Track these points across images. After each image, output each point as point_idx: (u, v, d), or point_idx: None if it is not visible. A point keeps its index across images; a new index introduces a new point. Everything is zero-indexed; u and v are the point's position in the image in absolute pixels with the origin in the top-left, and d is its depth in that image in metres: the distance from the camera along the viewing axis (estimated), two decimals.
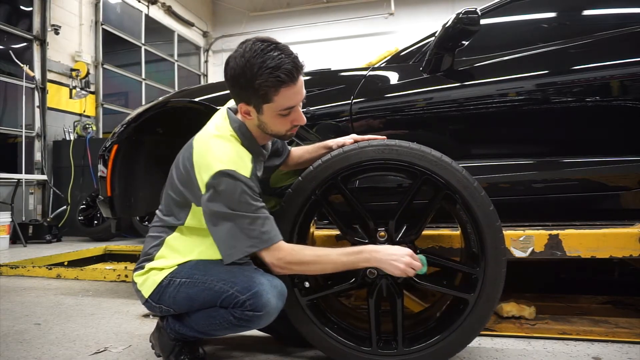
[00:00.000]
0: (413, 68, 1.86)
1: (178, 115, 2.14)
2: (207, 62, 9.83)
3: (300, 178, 1.38)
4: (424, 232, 1.46)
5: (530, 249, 1.52)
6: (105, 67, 6.88)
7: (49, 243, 4.98)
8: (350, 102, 1.84)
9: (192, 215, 1.30)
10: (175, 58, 8.95)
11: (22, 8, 5.92)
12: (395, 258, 1.21)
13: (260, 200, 1.23)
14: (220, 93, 1.97)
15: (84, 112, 6.37)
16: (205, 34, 9.69)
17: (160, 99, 2.13)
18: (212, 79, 9.66)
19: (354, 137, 1.44)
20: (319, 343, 1.38)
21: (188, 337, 1.35)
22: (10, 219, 4.60)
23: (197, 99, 1.96)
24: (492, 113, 1.73)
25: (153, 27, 8.18)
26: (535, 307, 1.87)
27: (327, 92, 1.91)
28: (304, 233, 1.48)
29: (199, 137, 1.30)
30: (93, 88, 6.55)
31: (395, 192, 1.74)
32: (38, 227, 5.09)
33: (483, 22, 1.65)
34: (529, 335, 1.66)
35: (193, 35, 9.37)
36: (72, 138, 5.93)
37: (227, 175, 1.18)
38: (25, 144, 5.64)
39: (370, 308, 1.36)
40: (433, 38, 1.78)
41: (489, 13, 1.87)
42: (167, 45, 8.79)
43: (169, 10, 8.48)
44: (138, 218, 4.70)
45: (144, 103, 2.92)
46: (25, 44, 5.82)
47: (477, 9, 1.60)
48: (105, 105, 6.88)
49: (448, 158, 1.31)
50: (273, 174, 1.62)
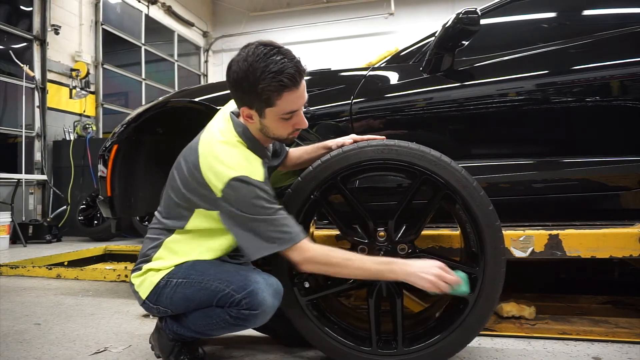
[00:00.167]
0: (413, 68, 1.86)
1: (178, 115, 2.14)
2: (207, 62, 9.83)
3: (300, 178, 1.38)
4: (424, 232, 1.46)
5: (530, 249, 1.52)
6: (105, 67, 6.88)
7: (49, 243, 4.98)
8: (350, 102, 1.84)
9: (194, 220, 1.29)
10: (175, 58, 8.95)
11: (22, 8, 5.93)
12: (424, 270, 1.19)
13: (277, 202, 1.23)
14: (220, 93, 1.97)
15: (84, 112, 6.37)
16: (205, 34, 9.69)
17: (160, 99, 2.13)
18: (212, 79, 9.66)
19: (354, 137, 1.44)
20: (319, 343, 1.38)
21: (186, 337, 1.35)
22: (10, 219, 4.60)
23: (197, 99, 1.96)
24: (492, 113, 1.73)
25: (153, 27, 8.18)
26: (535, 307, 1.87)
27: (327, 92, 1.91)
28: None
29: (204, 142, 1.27)
30: (93, 88, 6.55)
31: (395, 192, 1.74)
32: (38, 227, 5.09)
33: (483, 22, 1.65)
34: (529, 335, 1.66)
35: (193, 35, 9.38)
36: (72, 138, 5.94)
37: (241, 182, 1.18)
38: (25, 144, 5.64)
39: (370, 308, 1.36)
40: (433, 38, 1.78)
41: (489, 13, 1.87)
42: (167, 45, 8.79)
43: (169, 10, 8.48)
44: (138, 218, 4.70)
45: (144, 103, 2.92)
46: (25, 44, 5.82)
47: (477, 9, 1.60)
48: (105, 105, 6.88)
49: (447, 158, 1.31)
50: (272, 175, 1.62)
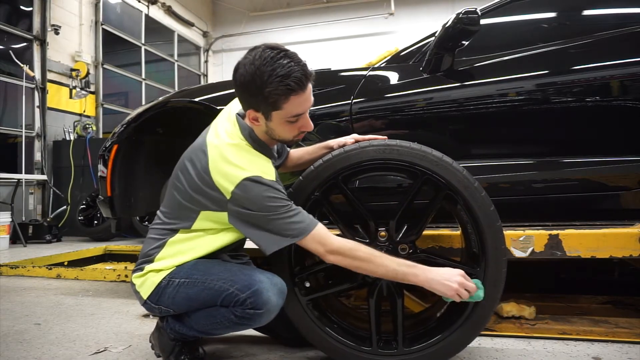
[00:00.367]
0: (413, 68, 1.86)
1: (178, 115, 2.14)
2: (207, 62, 9.83)
3: (301, 177, 1.38)
4: (424, 232, 1.46)
5: (530, 249, 1.52)
6: (105, 67, 6.88)
7: (49, 243, 4.98)
8: (350, 102, 1.84)
9: (200, 220, 1.29)
10: (175, 58, 8.95)
11: (22, 8, 5.92)
12: (447, 278, 1.20)
13: (289, 199, 1.24)
14: (220, 93, 1.97)
15: (84, 112, 6.37)
16: (205, 34, 9.69)
17: (160, 99, 2.13)
18: (212, 79, 9.66)
19: (355, 136, 1.44)
20: (319, 343, 1.38)
21: (188, 336, 1.35)
22: (10, 219, 4.60)
23: (197, 99, 1.96)
24: (492, 113, 1.73)
25: (153, 27, 8.18)
26: (535, 307, 1.87)
27: (327, 92, 1.91)
28: None
29: (213, 144, 1.26)
30: (93, 88, 6.55)
31: (395, 192, 1.74)
32: (38, 227, 5.09)
33: (483, 22, 1.65)
34: (529, 335, 1.66)
35: (193, 35, 9.38)
36: (72, 138, 5.93)
37: (253, 182, 1.18)
38: (25, 144, 5.64)
39: (371, 308, 1.36)
40: (433, 38, 1.78)
41: (489, 13, 1.87)
42: (167, 45, 8.79)
43: (169, 10, 8.48)
44: (138, 218, 4.70)
45: (144, 103, 2.92)
46: (25, 44, 5.82)
47: (477, 9, 1.60)
48: (105, 105, 6.88)
49: (449, 158, 1.31)
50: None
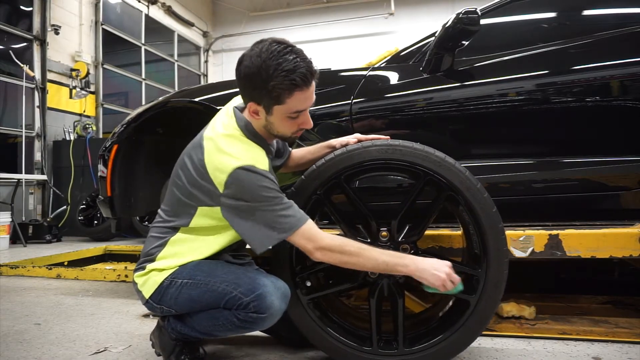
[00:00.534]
0: (413, 68, 1.86)
1: (178, 115, 2.14)
2: (207, 62, 9.83)
3: (303, 177, 1.38)
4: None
5: (530, 249, 1.52)
6: (105, 67, 6.88)
7: (49, 243, 4.98)
8: (350, 102, 1.84)
9: (198, 216, 1.29)
10: (175, 58, 8.95)
11: (22, 8, 5.92)
12: (437, 268, 1.20)
13: (281, 191, 1.23)
14: (220, 93, 1.97)
15: (84, 112, 6.37)
16: (205, 34, 9.69)
17: (160, 99, 2.13)
18: (212, 79, 9.66)
19: (358, 136, 1.44)
20: (320, 342, 1.38)
21: (189, 337, 1.35)
22: (10, 219, 4.60)
23: (197, 99, 1.96)
24: (492, 113, 1.73)
25: (153, 27, 8.18)
26: (535, 307, 1.87)
27: (327, 92, 1.91)
28: None
29: (208, 137, 1.27)
30: (93, 88, 6.55)
31: (396, 192, 1.74)
32: (38, 227, 5.08)
33: (483, 22, 1.65)
34: (529, 335, 1.66)
35: (193, 35, 9.37)
36: (72, 138, 5.93)
37: (246, 170, 1.17)
38: (25, 144, 5.64)
39: (372, 308, 1.36)
40: (433, 38, 1.78)
41: (489, 13, 1.87)
42: (167, 45, 8.79)
43: (169, 10, 8.48)
44: (138, 218, 4.70)
45: (144, 103, 2.92)
46: (25, 44, 5.82)
47: (477, 9, 1.60)
48: (105, 105, 6.88)
49: (452, 159, 1.31)
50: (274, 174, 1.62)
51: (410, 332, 1.40)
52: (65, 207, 5.59)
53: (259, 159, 1.22)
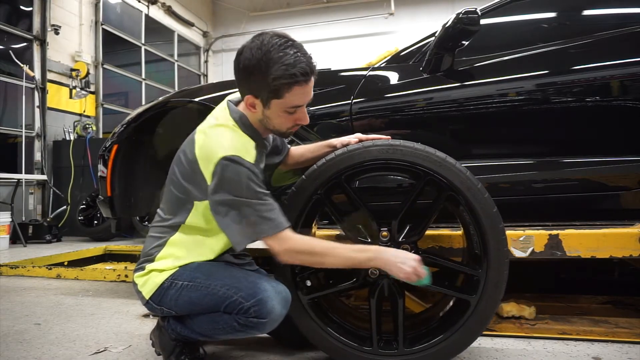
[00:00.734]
0: (413, 68, 1.86)
1: (178, 120, 2.14)
2: (207, 62, 9.82)
3: (304, 177, 1.38)
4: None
5: (530, 249, 1.52)
6: (105, 67, 6.87)
7: (49, 243, 4.97)
8: (351, 102, 1.84)
9: (194, 213, 1.29)
10: (175, 58, 8.94)
11: (22, 8, 5.92)
12: (402, 261, 1.20)
13: (265, 188, 1.22)
14: (220, 93, 1.97)
15: (84, 112, 6.36)
16: (205, 34, 9.69)
17: (160, 99, 2.13)
18: (212, 79, 9.66)
19: (359, 136, 1.43)
20: (320, 342, 1.38)
21: (189, 338, 1.35)
22: (10, 219, 4.60)
23: (197, 99, 1.96)
24: (492, 113, 1.73)
25: (153, 27, 8.17)
26: (535, 307, 1.87)
27: (327, 92, 1.91)
28: (306, 233, 1.48)
29: (200, 129, 1.29)
30: (93, 88, 6.55)
31: (396, 192, 1.74)
32: (38, 227, 5.08)
33: (483, 22, 1.65)
34: (529, 335, 1.66)
35: (193, 35, 9.37)
36: (72, 138, 5.93)
37: (231, 161, 1.17)
38: (25, 144, 5.63)
39: (372, 308, 1.36)
40: (433, 38, 1.78)
41: (489, 13, 1.87)
42: (167, 45, 8.78)
43: (169, 10, 8.48)
44: (138, 218, 4.70)
45: (144, 103, 2.92)
46: (25, 44, 5.82)
47: (477, 9, 1.60)
48: (105, 105, 6.88)
49: (452, 159, 1.31)
50: (274, 173, 1.61)
51: (411, 332, 1.40)
52: (65, 207, 5.59)
53: (245, 151, 1.21)
